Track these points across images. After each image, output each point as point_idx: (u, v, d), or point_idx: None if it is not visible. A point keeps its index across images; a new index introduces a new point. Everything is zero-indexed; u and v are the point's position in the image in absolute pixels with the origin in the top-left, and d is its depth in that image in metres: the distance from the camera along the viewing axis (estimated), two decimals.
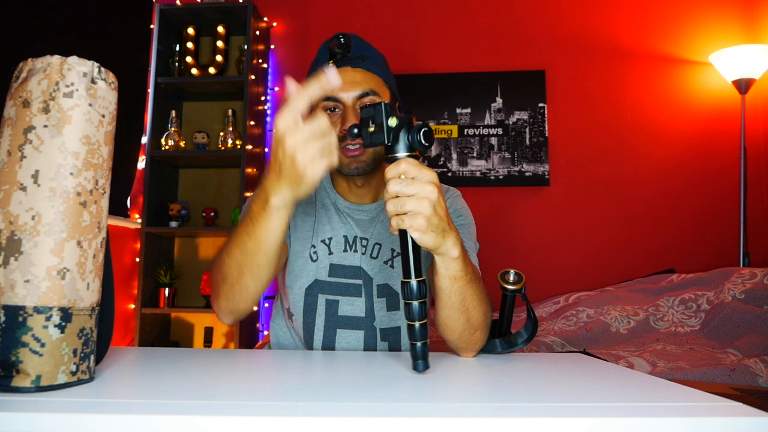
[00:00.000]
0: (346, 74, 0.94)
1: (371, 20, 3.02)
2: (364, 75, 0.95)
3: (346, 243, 0.99)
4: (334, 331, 0.97)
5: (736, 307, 2.05)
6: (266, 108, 3.00)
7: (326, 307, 0.97)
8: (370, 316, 0.97)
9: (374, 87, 0.95)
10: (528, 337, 0.86)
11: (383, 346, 0.99)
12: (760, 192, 2.76)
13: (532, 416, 0.45)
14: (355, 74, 0.94)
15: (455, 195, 1.07)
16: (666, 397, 0.54)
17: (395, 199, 0.63)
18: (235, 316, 0.85)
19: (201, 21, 2.89)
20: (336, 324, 0.97)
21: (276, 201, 0.68)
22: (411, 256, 0.65)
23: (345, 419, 0.44)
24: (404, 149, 0.63)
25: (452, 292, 0.73)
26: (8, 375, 0.50)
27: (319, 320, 0.97)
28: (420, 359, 0.64)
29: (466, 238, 1.01)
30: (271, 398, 0.54)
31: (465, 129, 2.91)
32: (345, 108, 0.93)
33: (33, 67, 0.55)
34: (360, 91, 0.93)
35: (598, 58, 2.93)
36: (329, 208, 1.02)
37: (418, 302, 0.64)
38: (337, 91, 0.93)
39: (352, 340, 0.97)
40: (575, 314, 2.31)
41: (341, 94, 0.93)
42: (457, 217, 1.03)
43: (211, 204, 2.88)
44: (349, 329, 0.97)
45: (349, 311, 0.97)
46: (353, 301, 0.97)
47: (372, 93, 0.94)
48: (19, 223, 0.51)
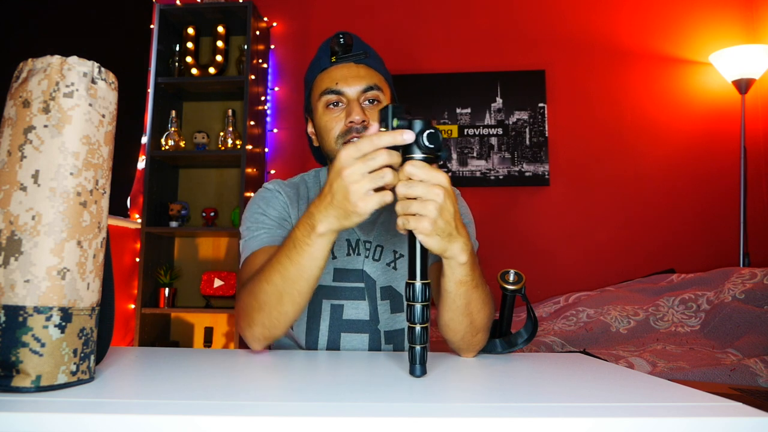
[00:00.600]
0: (350, 69, 0.94)
1: (371, 20, 3.02)
2: (368, 70, 0.95)
3: (349, 246, 0.99)
4: (338, 335, 0.96)
5: (736, 307, 2.05)
6: (266, 108, 3.00)
7: (331, 312, 0.96)
8: (375, 319, 0.96)
9: (377, 82, 0.95)
10: (528, 337, 0.86)
11: (388, 349, 0.98)
12: (760, 192, 2.76)
13: (532, 416, 0.45)
14: (359, 69, 0.94)
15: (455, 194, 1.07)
16: (666, 397, 0.54)
17: (404, 200, 0.63)
18: (269, 342, 0.83)
19: (201, 21, 2.88)
20: (340, 328, 0.96)
21: (322, 228, 0.68)
22: (418, 258, 0.64)
23: (345, 419, 0.44)
24: (418, 151, 0.63)
25: (457, 295, 0.73)
26: (8, 375, 0.50)
27: (323, 325, 0.96)
28: (418, 363, 0.63)
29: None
30: (272, 398, 0.54)
31: (465, 129, 2.91)
32: (349, 102, 0.93)
33: (33, 67, 0.55)
34: (365, 84, 0.93)
35: (598, 58, 2.93)
36: None
37: (420, 305, 0.63)
38: (341, 84, 0.93)
39: (356, 344, 0.96)
40: (575, 314, 2.31)
41: (345, 87, 0.93)
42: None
43: (211, 204, 2.88)
44: (354, 333, 0.96)
45: (354, 315, 0.96)
46: (357, 304, 0.96)
47: (376, 87, 0.94)
48: (19, 223, 0.51)
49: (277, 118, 3.04)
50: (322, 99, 0.95)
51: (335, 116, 0.94)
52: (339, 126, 0.93)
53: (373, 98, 0.94)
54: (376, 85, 0.94)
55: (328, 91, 0.94)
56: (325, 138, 0.96)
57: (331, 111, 0.94)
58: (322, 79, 0.95)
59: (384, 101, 0.96)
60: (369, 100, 0.94)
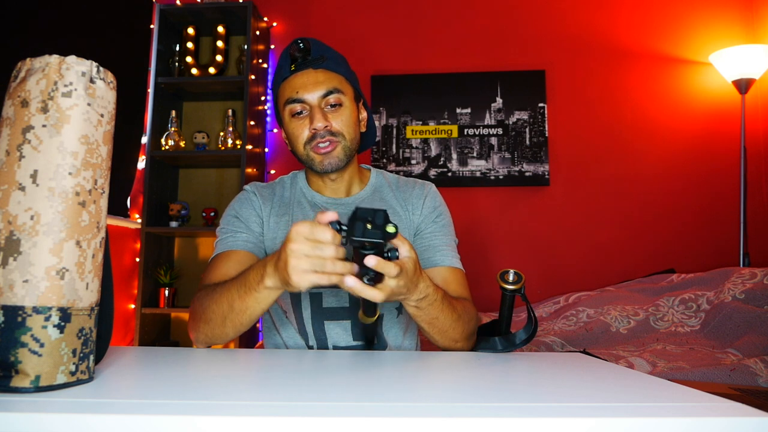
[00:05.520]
0: (309, 76, 0.97)
1: (371, 20, 3.02)
2: (326, 74, 0.98)
3: None
4: (321, 323, 0.99)
5: (736, 307, 2.04)
6: (266, 108, 3.00)
7: (311, 302, 0.99)
8: (355, 305, 0.98)
9: (337, 85, 0.98)
10: (528, 337, 0.86)
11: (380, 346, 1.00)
12: (760, 192, 2.76)
13: (532, 416, 0.45)
14: (318, 75, 0.98)
15: (431, 191, 1.09)
16: (666, 397, 0.54)
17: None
18: (209, 346, 0.89)
19: (201, 21, 2.88)
20: (323, 316, 0.98)
21: (269, 283, 0.74)
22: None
23: (346, 419, 0.44)
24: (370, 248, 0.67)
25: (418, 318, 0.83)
26: (7, 375, 0.50)
27: (306, 314, 0.99)
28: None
29: (447, 237, 1.04)
30: (271, 398, 0.54)
31: (465, 129, 2.91)
32: (311, 108, 0.97)
33: (31, 66, 0.55)
34: (324, 90, 0.97)
35: (598, 58, 2.93)
36: (304, 206, 1.05)
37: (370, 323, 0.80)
38: (301, 92, 0.97)
39: (340, 331, 0.99)
40: (575, 314, 2.31)
41: (306, 95, 0.97)
42: (436, 217, 1.05)
43: (211, 204, 2.87)
44: (336, 320, 0.99)
45: (334, 302, 0.99)
46: (336, 292, 0.99)
47: (336, 91, 0.98)
48: (18, 223, 0.51)
49: (277, 118, 3.04)
50: (287, 108, 0.99)
51: (300, 123, 0.98)
52: (305, 133, 0.98)
53: (334, 102, 0.98)
54: (336, 88, 0.98)
55: (291, 101, 0.98)
56: (295, 145, 1.00)
57: (296, 119, 0.99)
58: (284, 88, 1.00)
59: (346, 102, 0.99)
60: (330, 105, 0.98)
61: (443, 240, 1.02)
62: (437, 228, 1.04)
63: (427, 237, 1.02)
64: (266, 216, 1.04)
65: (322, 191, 1.06)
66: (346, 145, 0.99)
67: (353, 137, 1.00)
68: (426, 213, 1.05)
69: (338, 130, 0.98)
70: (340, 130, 0.98)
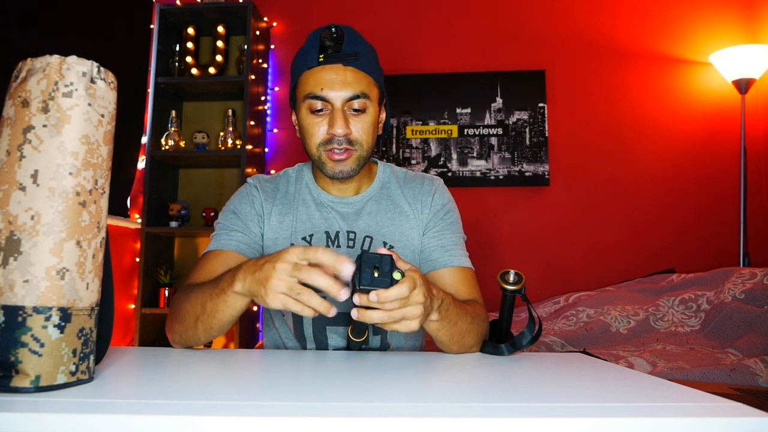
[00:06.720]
0: (337, 72, 0.91)
1: (371, 20, 3.02)
2: (356, 75, 0.92)
3: (328, 238, 0.98)
4: (323, 328, 0.95)
5: (736, 307, 2.04)
6: (266, 108, 3.00)
7: None
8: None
9: (365, 88, 0.92)
10: (532, 337, 0.86)
11: (375, 341, 0.98)
12: (760, 192, 2.76)
13: (532, 416, 0.45)
14: (347, 73, 0.91)
15: (440, 187, 1.06)
16: (666, 397, 0.54)
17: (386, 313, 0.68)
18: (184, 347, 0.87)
19: (201, 21, 2.88)
20: (325, 321, 0.95)
21: (238, 287, 0.73)
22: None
23: (346, 419, 0.44)
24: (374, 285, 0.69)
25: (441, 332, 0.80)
26: (7, 375, 0.50)
27: (306, 320, 0.96)
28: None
29: (455, 235, 1.02)
30: (271, 398, 0.54)
31: (465, 129, 2.91)
32: (333, 109, 0.91)
33: (32, 66, 0.55)
34: (351, 93, 0.91)
35: (598, 58, 2.93)
36: (309, 204, 1.02)
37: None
38: (326, 89, 0.90)
39: (343, 335, 0.96)
40: (575, 314, 2.31)
41: (330, 93, 0.90)
42: (445, 215, 1.03)
43: (211, 204, 2.87)
44: (339, 326, 0.95)
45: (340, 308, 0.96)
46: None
47: (362, 96, 0.91)
48: (18, 223, 0.51)
49: (277, 118, 3.04)
50: (306, 102, 0.92)
51: (318, 122, 0.92)
52: (321, 133, 0.92)
53: (358, 107, 0.92)
54: (363, 92, 0.91)
55: (313, 96, 0.91)
56: (307, 141, 0.95)
57: (314, 116, 0.93)
58: (308, 79, 0.92)
59: (370, 109, 0.93)
60: (353, 109, 0.92)
61: (452, 239, 1.00)
62: (445, 225, 1.01)
63: (435, 236, 1.00)
64: (267, 214, 1.00)
65: (328, 189, 1.02)
66: (361, 155, 0.94)
67: (370, 145, 0.96)
68: (434, 210, 1.02)
69: (357, 138, 0.93)
70: (358, 139, 0.93)
